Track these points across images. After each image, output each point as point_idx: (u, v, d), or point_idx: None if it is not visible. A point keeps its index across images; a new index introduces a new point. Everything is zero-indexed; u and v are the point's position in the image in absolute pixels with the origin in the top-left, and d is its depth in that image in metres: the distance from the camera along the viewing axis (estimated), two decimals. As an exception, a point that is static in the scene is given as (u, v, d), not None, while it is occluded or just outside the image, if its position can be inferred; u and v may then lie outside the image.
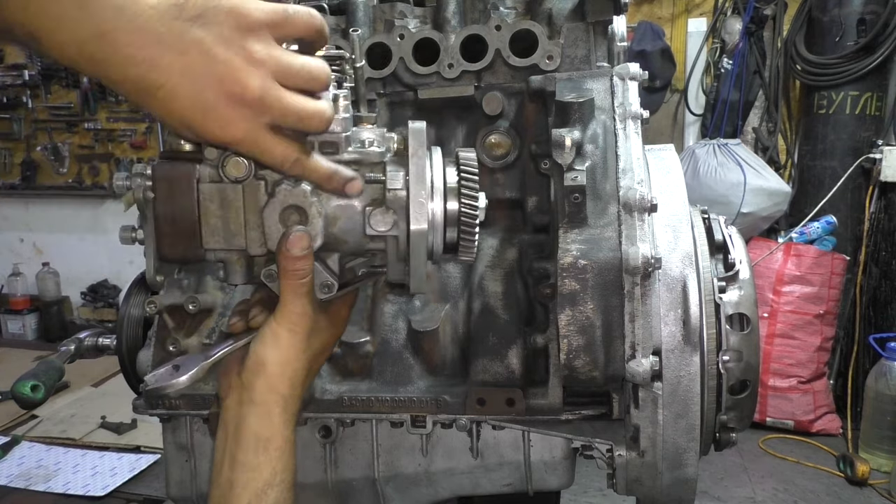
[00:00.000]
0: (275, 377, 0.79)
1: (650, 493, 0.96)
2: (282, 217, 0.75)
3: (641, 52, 4.13)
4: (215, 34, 0.65)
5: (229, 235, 0.76)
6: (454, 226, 0.77)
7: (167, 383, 0.78)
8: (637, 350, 0.84)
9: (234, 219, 0.75)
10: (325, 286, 0.80)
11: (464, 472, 1.04)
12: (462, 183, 0.77)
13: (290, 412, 0.80)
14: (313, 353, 0.82)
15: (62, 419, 3.18)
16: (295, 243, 0.74)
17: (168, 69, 0.64)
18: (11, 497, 2.61)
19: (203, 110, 0.66)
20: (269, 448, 0.78)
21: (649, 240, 0.85)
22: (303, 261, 0.75)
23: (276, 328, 0.78)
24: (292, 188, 0.75)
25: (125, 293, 1.13)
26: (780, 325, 3.78)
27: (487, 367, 0.99)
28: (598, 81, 0.97)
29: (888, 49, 3.73)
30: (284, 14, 0.69)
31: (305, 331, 0.79)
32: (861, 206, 3.93)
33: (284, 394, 0.79)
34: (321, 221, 0.76)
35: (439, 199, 0.76)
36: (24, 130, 5.64)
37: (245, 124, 0.67)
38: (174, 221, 0.75)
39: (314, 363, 0.84)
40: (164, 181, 0.75)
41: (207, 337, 1.05)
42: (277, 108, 0.68)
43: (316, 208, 0.75)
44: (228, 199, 0.75)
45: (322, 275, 0.80)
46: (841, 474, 3.41)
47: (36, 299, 5.64)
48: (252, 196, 0.75)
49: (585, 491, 3.13)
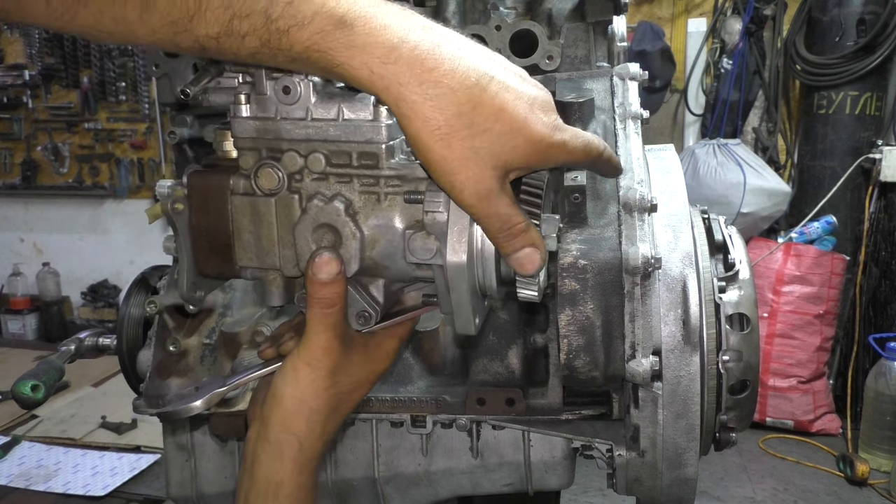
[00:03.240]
0: (290, 415, 0.71)
1: (650, 493, 0.96)
2: (315, 236, 0.68)
3: (641, 52, 4.13)
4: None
5: (262, 253, 0.70)
6: None
7: (182, 407, 0.73)
8: (637, 350, 0.84)
9: (267, 235, 0.69)
10: (363, 316, 0.71)
11: (464, 472, 1.04)
12: (520, 206, 0.66)
13: (306, 455, 0.72)
14: (340, 391, 0.73)
15: (62, 419, 3.18)
16: (321, 267, 0.66)
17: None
18: (11, 497, 2.61)
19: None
20: (279, 494, 0.71)
21: (649, 240, 0.85)
22: (330, 287, 0.67)
23: (297, 361, 0.71)
24: (324, 205, 0.67)
25: (125, 293, 1.13)
26: (779, 325, 3.77)
27: (487, 366, 0.99)
28: (598, 81, 0.97)
29: (888, 49, 3.73)
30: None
31: (329, 367, 0.71)
32: (861, 206, 3.93)
33: (300, 434, 0.71)
34: (356, 244, 0.68)
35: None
36: (25, 130, 5.63)
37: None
38: (209, 235, 0.70)
39: (342, 403, 0.74)
40: (198, 191, 0.70)
41: (207, 337, 1.05)
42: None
43: (350, 229, 0.68)
44: (260, 213, 0.69)
45: (360, 303, 0.71)
46: (841, 474, 3.41)
47: (36, 299, 5.64)
48: (285, 211, 0.68)
49: (585, 491, 3.13)
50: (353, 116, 0.66)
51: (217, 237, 0.70)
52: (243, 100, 0.68)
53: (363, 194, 0.69)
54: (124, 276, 5.53)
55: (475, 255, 0.66)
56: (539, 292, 0.68)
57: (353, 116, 0.66)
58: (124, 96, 5.33)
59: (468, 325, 0.69)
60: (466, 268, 0.65)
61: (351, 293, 0.70)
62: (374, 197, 0.68)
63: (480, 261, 0.66)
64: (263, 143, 0.69)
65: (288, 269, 0.70)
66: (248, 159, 0.69)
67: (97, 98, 5.39)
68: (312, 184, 0.68)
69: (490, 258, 0.66)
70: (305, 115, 0.67)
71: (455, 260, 0.64)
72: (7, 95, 5.54)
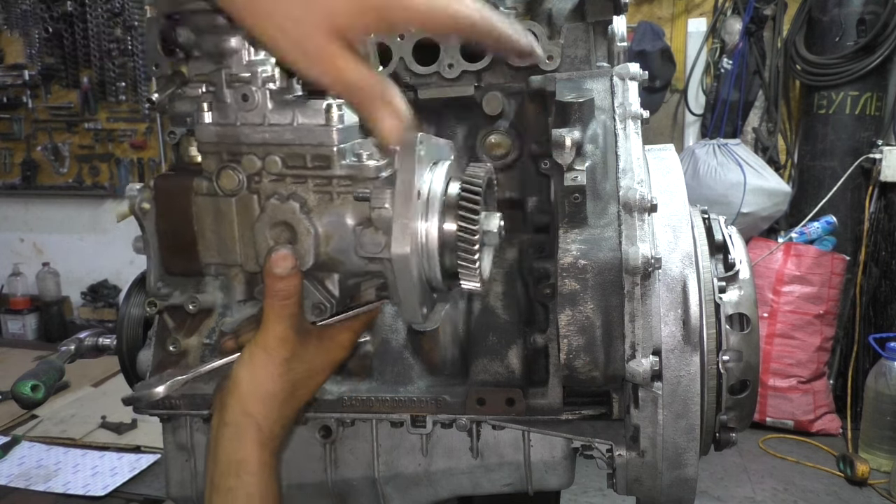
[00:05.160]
0: (247, 397, 0.75)
1: (650, 493, 0.96)
2: (272, 233, 0.72)
3: (641, 52, 4.13)
4: None
5: (224, 250, 0.74)
6: (454, 250, 0.70)
7: (144, 392, 0.79)
8: (637, 350, 0.84)
9: (228, 233, 0.73)
10: (318, 308, 0.75)
11: (464, 472, 1.04)
12: (461, 202, 0.70)
13: (265, 435, 0.76)
14: (295, 377, 0.77)
15: (62, 419, 3.18)
16: (277, 262, 0.71)
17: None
18: (11, 497, 2.61)
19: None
20: (241, 472, 0.74)
21: (649, 240, 0.85)
22: (286, 281, 0.71)
23: (254, 348, 0.75)
24: (281, 203, 0.72)
25: (125, 293, 1.13)
26: (779, 325, 3.78)
27: (487, 366, 0.99)
28: (598, 81, 0.98)
29: (888, 49, 3.73)
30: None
31: (284, 355, 0.75)
32: (861, 206, 3.93)
33: (257, 416, 0.75)
34: (311, 240, 0.72)
35: (434, 219, 0.69)
36: (25, 130, 5.64)
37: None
38: (174, 234, 0.75)
39: (298, 388, 0.79)
40: (164, 193, 0.75)
41: (207, 337, 1.05)
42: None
43: (305, 226, 0.72)
44: (222, 212, 0.73)
45: (315, 296, 0.75)
46: (841, 474, 3.41)
47: (36, 299, 5.64)
48: (244, 210, 0.73)
49: (585, 491, 3.13)
50: (307, 121, 0.71)
51: (182, 236, 0.75)
52: (206, 107, 0.73)
53: (317, 193, 0.73)
54: (124, 276, 5.53)
55: (420, 248, 0.68)
56: (481, 283, 0.71)
57: (307, 121, 0.71)
58: (124, 96, 5.33)
59: (415, 315, 0.71)
60: (411, 259, 0.67)
61: (307, 286, 0.74)
62: (327, 196, 0.73)
63: (425, 253, 0.69)
64: (224, 147, 0.73)
65: (249, 265, 0.74)
66: (211, 163, 0.73)
67: (97, 98, 5.39)
68: (270, 185, 0.73)
69: (434, 250, 0.69)
70: (263, 121, 0.72)
71: (399, 252, 0.67)
72: (7, 95, 5.55)
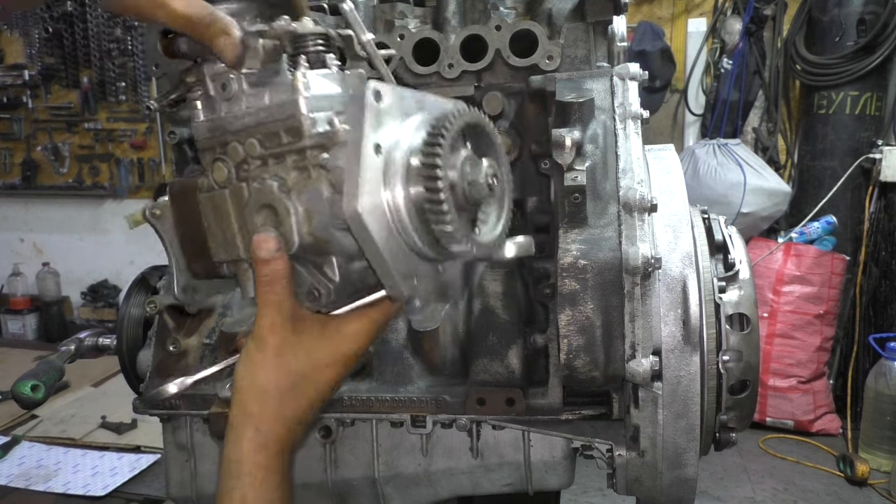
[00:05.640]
0: (243, 396, 0.71)
1: (650, 493, 0.96)
2: (259, 218, 0.69)
3: (641, 52, 4.13)
4: None
5: (227, 245, 0.72)
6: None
7: (156, 391, 0.79)
8: (637, 350, 0.84)
9: (228, 226, 0.71)
10: (313, 294, 0.70)
11: (464, 471, 1.04)
12: (422, 160, 0.61)
13: (263, 435, 0.71)
14: (293, 371, 0.71)
15: (62, 419, 3.18)
16: (259, 245, 0.67)
17: None
18: (11, 497, 2.61)
19: None
20: (238, 473, 0.71)
21: (649, 240, 0.85)
22: (271, 265, 0.67)
23: (248, 342, 0.71)
24: (261, 186, 0.68)
25: (125, 293, 1.13)
26: (779, 325, 3.77)
27: (487, 366, 0.99)
28: (598, 81, 0.98)
29: (888, 49, 3.73)
30: None
31: (275, 345, 0.70)
32: (861, 206, 3.93)
33: (254, 414, 0.71)
34: (293, 220, 0.67)
35: (399, 173, 0.61)
36: (25, 130, 5.63)
37: None
38: (192, 237, 0.74)
39: (299, 384, 0.72)
40: (177, 198, 0.74)
41: (207, 337, 1.05)
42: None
43: (284, 205, 0.67)
44: (219, 206, 0.72)
45: (308, 281, 0.70)
46: (841, 474, 3.41)
47: (36, 299, 5.64)
48: (237, 200, 0.71)
49: (585, 491, 3.13)
50: (279, 98, 0.69)
51: (198, 238, 0.74)
52: (199, 105, 0.73)
53: (295, 170, 0.68)
54: (124, 276, 5.53)
55: (385, 206, 0.60)
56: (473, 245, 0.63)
57: (279, 98, 0.69)
58: (124, 96, 5.33)
59: (395, 287, 0.62)
60: (366, 217, 0.58)
61: (300, 272, 0.70)
62: (305, 173, 0.68)
63: (393, 211, 0.60)
64: (215, 141, 0.73)
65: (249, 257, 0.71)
66: (207, 158, 0.72)
67: (97, 98, 5.39)
68: (256, 170, 0.71)
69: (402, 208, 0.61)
70: (242, 107, 0.71)
71: (350, 209, 0.58)
72: (7, 95, 5.54)
